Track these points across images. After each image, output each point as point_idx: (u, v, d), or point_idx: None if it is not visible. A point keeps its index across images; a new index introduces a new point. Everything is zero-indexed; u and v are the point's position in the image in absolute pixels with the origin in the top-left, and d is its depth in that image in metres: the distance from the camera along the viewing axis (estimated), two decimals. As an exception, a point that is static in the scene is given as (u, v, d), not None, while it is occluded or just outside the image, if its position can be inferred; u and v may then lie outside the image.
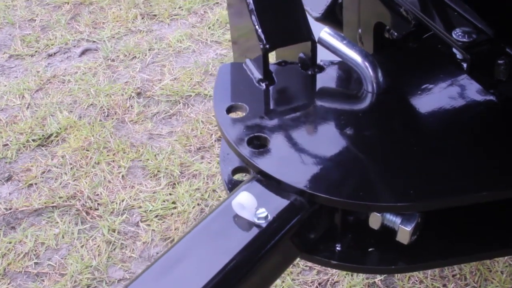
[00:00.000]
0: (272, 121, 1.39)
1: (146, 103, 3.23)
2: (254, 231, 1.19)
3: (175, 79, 3.38)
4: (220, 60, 3.51)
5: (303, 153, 1.32)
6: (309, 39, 1.49)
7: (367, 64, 1.46)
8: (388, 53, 1.63)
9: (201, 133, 3.01)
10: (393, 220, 1.27)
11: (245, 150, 1.32)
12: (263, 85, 1.47)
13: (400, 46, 1.64)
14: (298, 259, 1.54)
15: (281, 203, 1.24)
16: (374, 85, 1.47)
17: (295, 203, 1.24)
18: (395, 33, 1.58)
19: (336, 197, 1.22)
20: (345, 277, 2.29)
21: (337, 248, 1.34)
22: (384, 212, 1.26)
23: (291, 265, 2.27)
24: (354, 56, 1.46)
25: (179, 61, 3.52)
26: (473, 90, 1.48)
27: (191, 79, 3.37)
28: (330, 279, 2.29)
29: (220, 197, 2.68)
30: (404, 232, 1.27)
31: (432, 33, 1.51)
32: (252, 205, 1.20)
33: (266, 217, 1.20)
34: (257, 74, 1.49)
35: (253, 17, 1.44)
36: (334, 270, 2.28)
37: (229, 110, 1.40)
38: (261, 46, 1.43)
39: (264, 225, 1.19)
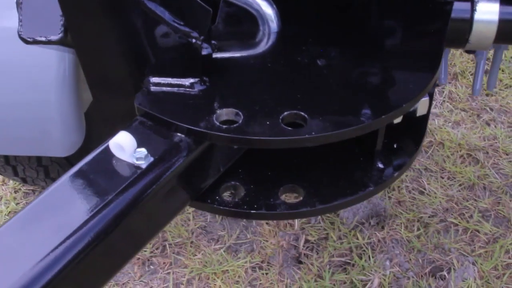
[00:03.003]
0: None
1: None
2: (133, 172, 1.10)
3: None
4: None
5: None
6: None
7: (262, 2, 1.40)
8: None
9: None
10: None
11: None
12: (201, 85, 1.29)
13: None
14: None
15: (164, 143, 1.16)
16: (273, 22, 1.41)
17: (180, 144, 1.17)
18: None
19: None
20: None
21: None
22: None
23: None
24: None
25: None
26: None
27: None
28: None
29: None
30: (425, 102, 1.40)
31: None
32: (131, 146, 1.11)
33: (146, 157, 1.11)
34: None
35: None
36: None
37: None
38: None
39: (143, 166, 1.11)
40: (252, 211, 1.30)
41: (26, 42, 1.38)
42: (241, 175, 1.36)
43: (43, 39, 1.37)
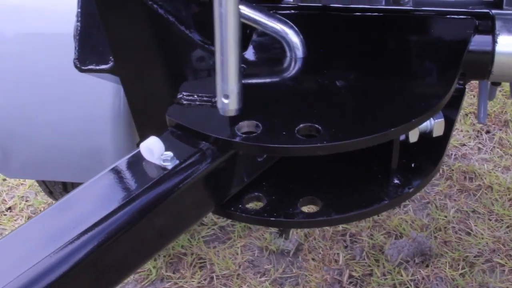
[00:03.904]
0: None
1: None
2: (159, 173, 1.21)
3: None
4: None
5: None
6: None
7: (289, 30, 1.53)
8: None
9: None
10: (425, 124, 1.47)
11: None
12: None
13: None
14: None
15: (190, 150, 1.28)
16: (298, 49, 1.54)
17: (205, 151, 1.29)
18: None
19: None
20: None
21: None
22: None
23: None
24: (275, 25, 1.52)
25: None
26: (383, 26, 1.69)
27: None
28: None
29: None
30: (440, 123, 1.49)
31: None
32: (159, 149, 1.22)
33: (172, 159, 1.22)
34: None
35: None
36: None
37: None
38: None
39: (169, 167, 1.21)
40: (271, 219, 1.40)
41: (80, 70, 1.56)
42: (264, 187, 1.47)
43: (95, 67, 1.56)
